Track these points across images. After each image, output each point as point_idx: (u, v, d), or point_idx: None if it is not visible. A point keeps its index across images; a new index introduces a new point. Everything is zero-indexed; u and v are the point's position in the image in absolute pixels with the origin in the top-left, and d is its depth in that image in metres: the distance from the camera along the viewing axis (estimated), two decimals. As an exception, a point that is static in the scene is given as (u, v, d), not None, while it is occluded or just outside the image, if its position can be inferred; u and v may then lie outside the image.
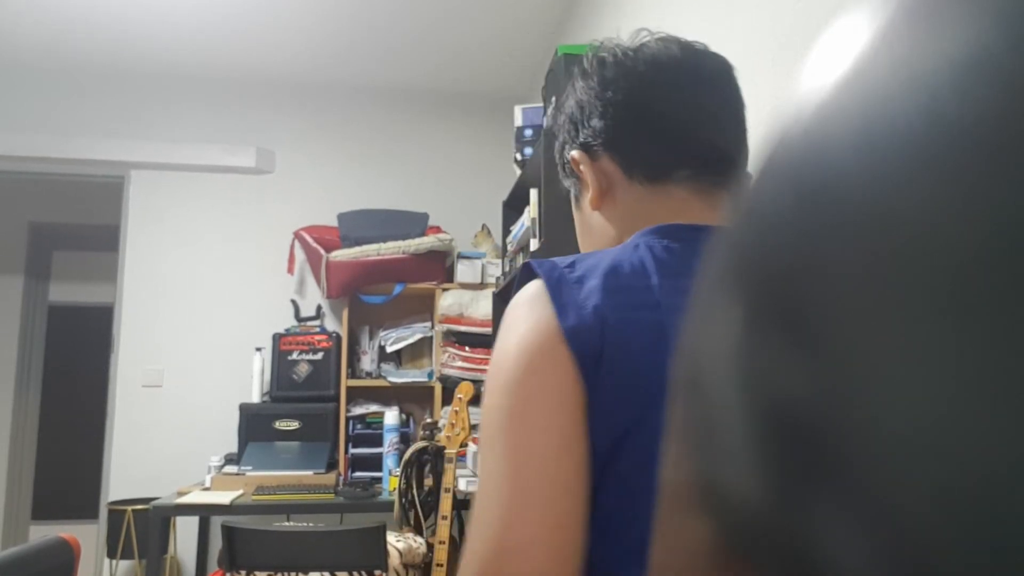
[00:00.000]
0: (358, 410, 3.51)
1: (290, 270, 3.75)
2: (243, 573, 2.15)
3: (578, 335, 0.59)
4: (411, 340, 3.60)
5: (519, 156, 2.73)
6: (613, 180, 0.74)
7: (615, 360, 0.58)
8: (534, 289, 0.63)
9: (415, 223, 3.63)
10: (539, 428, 0.58)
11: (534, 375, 0.59)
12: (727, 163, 0.71)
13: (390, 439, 3.11)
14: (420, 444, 2.70)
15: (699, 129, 0.71)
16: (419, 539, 2.48)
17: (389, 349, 3.59)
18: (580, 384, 0.59)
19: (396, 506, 2.64)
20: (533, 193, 2.47)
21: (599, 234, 0.76)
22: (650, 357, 0.59)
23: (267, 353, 3.63)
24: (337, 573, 2.13)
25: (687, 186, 0.71)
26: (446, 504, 2.28)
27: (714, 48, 0.77)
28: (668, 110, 0.71)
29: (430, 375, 3.56)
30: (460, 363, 3.23)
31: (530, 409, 0.58)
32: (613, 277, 0.62)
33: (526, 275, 0.66)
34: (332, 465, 3.18)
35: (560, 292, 0.61)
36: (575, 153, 0.76)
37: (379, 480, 3.16)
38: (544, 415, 0.58)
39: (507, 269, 2.92)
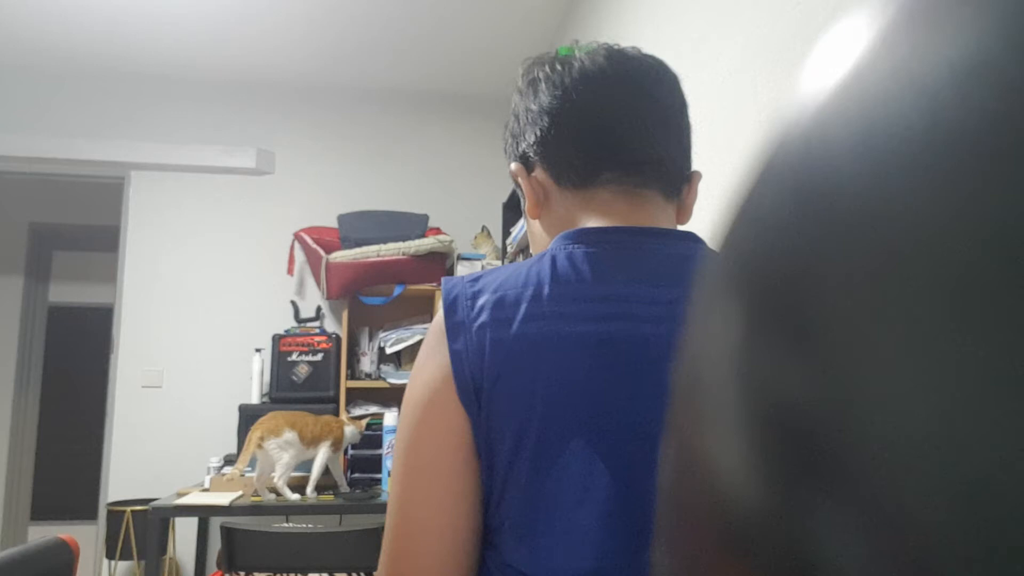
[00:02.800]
0: (358, 411, 3.51)
1: (290, 271, 3.75)
2: (242, 574, 2.14)
3: (460, 359, 0.63)
4: (411, 341, 3.60)
5: (519, 157, 2.73)
6: (547, 189, 0.77)
7: (493, 380, 0.62)
8: (438, 316, 0.68)
9: (415, 224, 3.63)
10: (424, 466, 0.63)
11: (423, 415, 0.64)
12: (653, 164, 0.74)
13: (389, 440, 3.10)
14: (419, 445, 2.69)
15: (623, 134, 0.73)
16: (418, 540, 2.47)
17: (389, 350, 3.59)
18: (462, 414, 0.63)
19: (395, 507, 2.63)
20: (533, 195, 2.46)
21: (540, 242, 0.80)
22: (526, 371, 0.62)
23: (267, 354, 3.62)
24: (336, 574, 2.13)
25: (611, 188, 0.74)
26: (445, 505, 2.28)
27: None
28: (590, 118, 0.74)
29: (430, 376, 3.55)
30: (460, 364, 3.22)
31: (418, 448, 0.64)
32: (502, 291, 0.65)
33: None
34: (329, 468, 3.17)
35: (455, 311, 0.66)
36: (513, 165, 0.80)
37: (378, 482, 3.16)
38: (428, 453, 0.63)
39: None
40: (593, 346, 0.62)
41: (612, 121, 0.73)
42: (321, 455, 2.75)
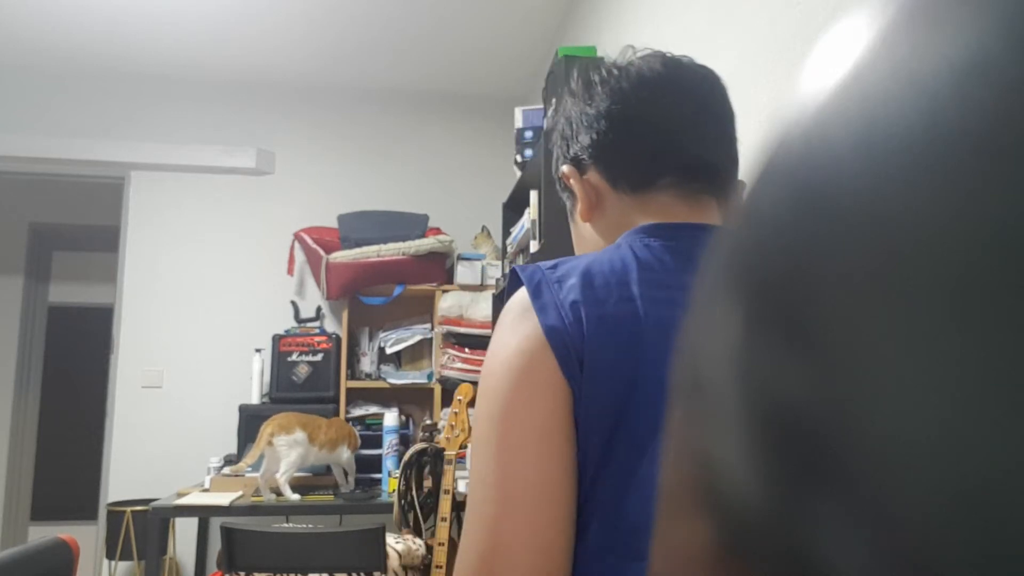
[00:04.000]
0: (357, 411, 3.51)
1: (290, 271, 3.75)
2: (242, 574, 2.14)
3: (558, 333, 0.62)
4: (411, 342, 3.60)
5: (519, 158, 2.73)
6: (601, 192, 0.77)
7: (595, 353, 0.61)
8: (519, 295, 0.67)
9: (415, 224, 3.63)
10: (525, 436, 0.61)
11: (520, 382, 0.62)
12: (709, 170, 0.74)
13: (389, 441, 3.11)
14: (419, 446, 2.70)
15: (680, 139, 0.74)
16: (418, 541, 2.48)
17: (389, 350, 3.59)
18: (564, 384, 0.61)
19: (395, 508, 2.64)
20: (533, 195, 2.47)
21: (591, 245, 0.80)
22: (628, 348, 0.61)
23: (267, 354, 3.62)
24: (336, 575, 2.13)
25: (670, 192, 0.74)
26: (445, 506, 2.28)
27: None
28: (650, 122, 0.74)
29: (430, 377, 3.56)
30: (460, 365, 3.23)
31: (516, 418, 0.61)
32: (591, 274, 0.65)
33: (513, 281, 0.69)
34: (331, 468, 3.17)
35: (541, 293, 0.64)
36: (565, 168, 0.80)
37: (378, 482, 3.16)
38: (529, 423, 0.61)
39: (507, 271, 2.92)
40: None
41: (671, 126, 0.74)
42: (346, 457, 2.84)
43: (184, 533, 3.53)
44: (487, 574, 0.59)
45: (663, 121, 0.74)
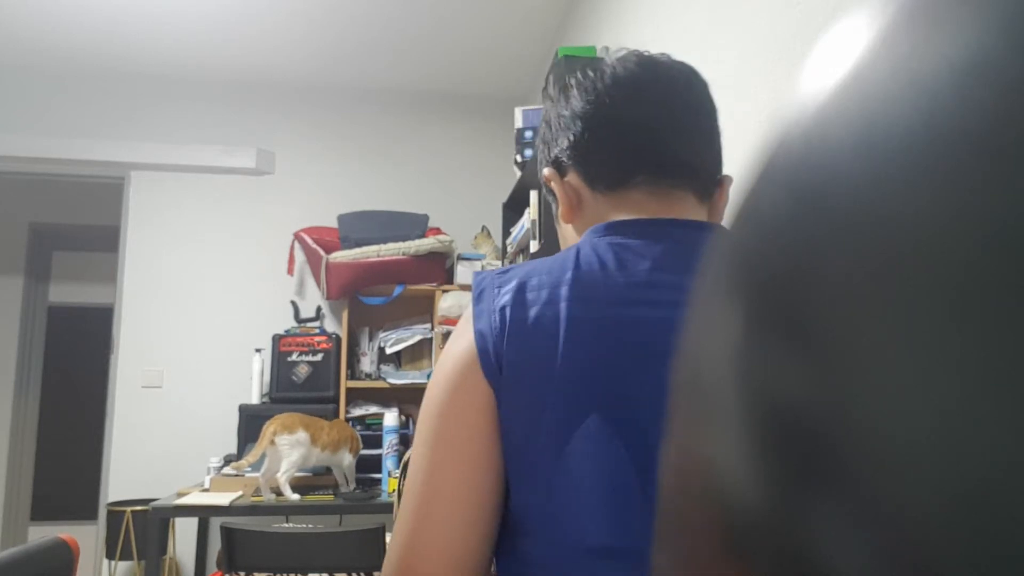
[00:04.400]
0: (358, 411, 3.51)
1: (290, 271, 3.75)
2: (242, 574, 2.14)
3: (483, 338, 0.66)
4: (411, 341, 3.60)
5: (519, 158, 2.73)
6: (581, 193, 0.78)
7: (512, 356, 0.64)
8: (469, 305, 0.70)
9: (415, 224, 3.63)
10: (453, 436, 0.65)
11: (453, 386, 0.66)
12: (684, 166, 0.75)
13: (389, 440, 3.10)
14: (419, 445, 2.69)
15: (654, 137, 0.75)
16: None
17: (389, 350, 3.59)
18: (487, 387, 0.65)
19: (395, 507, 2.64)
20: (533, 195, 2.47)
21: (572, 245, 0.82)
22: (545, 349, 0.64)
23: (267, 354, 3.62)
24: (336, 574, 2.13)
25: (643, 189, 0.75)
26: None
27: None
28: (623, 122, 0.75)
29: (430, 376, 3.55)
30: (460, 364, 3.22)
31: (447, 420, 0.65)
32: (529, 277, 0.68)
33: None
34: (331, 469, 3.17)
35: (481, 300, 0.68)
36: (546, 171, 0.81)
37: (378, 482, 3.16)
38: (457, 425, 0.65)
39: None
40: (611, 329, 0.63)
41: (645, 125, 0.75)
42: (348, 463, 2.87)
43: (184, 533, 3.53)
44: (407, 564, 0.63)
45: (636, 120, 0.75)
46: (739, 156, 1.61)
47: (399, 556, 0.64)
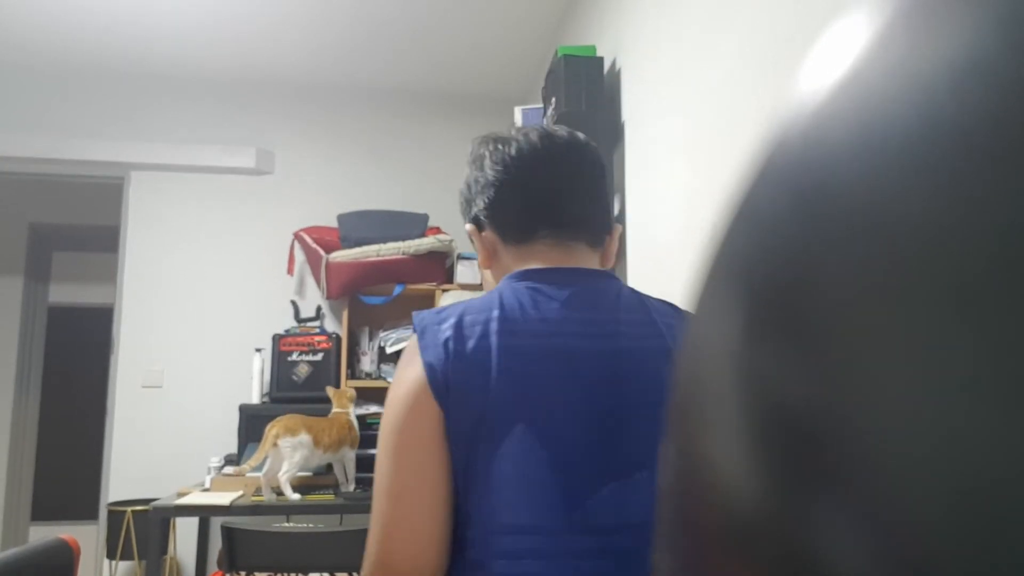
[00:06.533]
0: (358, 411, 3.50)
1: (290, 271, 3.75)
2: (243, 574, 2.14)
3: (432, 367, 0.80)
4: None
5: (519, 157, 2.73)
6: (495, 245, 0.96)
7: (456, 380, 0.79)
8: (413, 337, 0.85)
9: (415, 224, 3.63)
10: (410, 448, 0.79)
11: (408, 406, 0.80)
12: (579, 223, 0.93)
13: (390, 440, 3.10)
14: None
15: (553, 199, 0.92)
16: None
17: (389, 350, 3.59)
18: (437, 407, 0.79)
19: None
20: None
21: (491, 287, 0.98)
22: (481, 375, 0.79)
23: (267, 354, 3.62)
24: (337, 574, 2.13)
25: (546, 242, 0.92)
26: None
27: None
28: (528, 188, 0.92)
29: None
30: (460, 364, 3.22)
31: (404, 434, 0.79)
32: (464, 316, 0.83)
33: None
34: (331, 466, 3.17)
35: (425, 335, 0.83)
36: (468, 226, 0.99)
37: (379, 481, 3.16)
38: (412, 438, 0.79)
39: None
40: (534, 355, 0.80)
41: (545, 190, 0.92)
42: (349, 459, 2.90)
43: (185, 533, 3.53)
44: (382, 556, 0.77)
45: (538, 186, 0.92)
46: (737, 156, 1.61)
47: (378, 541, 0.77)
